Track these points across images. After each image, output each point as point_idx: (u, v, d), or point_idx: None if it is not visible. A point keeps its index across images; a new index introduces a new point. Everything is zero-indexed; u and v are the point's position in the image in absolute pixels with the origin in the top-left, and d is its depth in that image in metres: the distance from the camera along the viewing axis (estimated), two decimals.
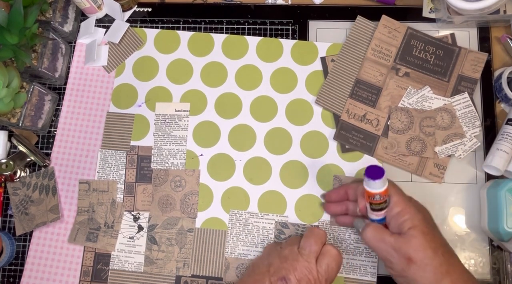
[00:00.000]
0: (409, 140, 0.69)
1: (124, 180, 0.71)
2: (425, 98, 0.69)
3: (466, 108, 0.69)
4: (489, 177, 0.68)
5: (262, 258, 0.63)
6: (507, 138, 0.66)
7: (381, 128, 0.70)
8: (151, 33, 0.76)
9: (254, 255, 0.68)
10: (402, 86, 0.70)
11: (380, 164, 0.69)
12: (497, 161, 0.65)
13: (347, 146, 0.70)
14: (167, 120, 0.73)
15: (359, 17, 0.73)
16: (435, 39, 0.71)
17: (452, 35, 0.72)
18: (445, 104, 0.69)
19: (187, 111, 0.73)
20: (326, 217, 0.68)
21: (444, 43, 0.71)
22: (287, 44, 0.74)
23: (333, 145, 0.70)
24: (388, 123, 0.70)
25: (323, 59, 0.73)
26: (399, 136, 0.69)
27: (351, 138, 0.70)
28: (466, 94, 0.69)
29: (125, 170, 0.71)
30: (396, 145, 0.69)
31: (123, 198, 0.71)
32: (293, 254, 0.59)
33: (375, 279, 0.66)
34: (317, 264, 0.58)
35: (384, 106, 0.70)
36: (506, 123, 0.67)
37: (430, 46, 0.71)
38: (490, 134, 0.69)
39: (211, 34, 0.76)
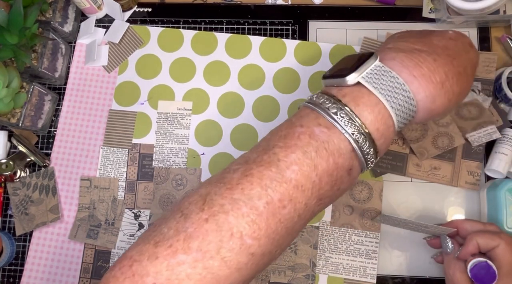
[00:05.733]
0: (433, 140, 0.67)
1: (126, 177, 0.71)
2: None
3: None
4: (489, 177, 0.68)
5: None
6: (504, 140, 0.66)
7: (407, 145, 0.69)
8: (154, 31, 0.76)
9: None
10: None
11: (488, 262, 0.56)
12: (498, 164, 0.65)
13: (378, 171, 0.69)
14: (169, 119, 0.73)
15: (364, 38, 0.72)
16: None
17: None
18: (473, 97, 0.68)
19: (190, 109, 0.73)
20: (327, 217, 0.68)
21: None
22: (291, 44, 0.74)
23: None
24: (405, 138, 0.68)
25: None
26: (422, 142, 0.68)
27: (380, 161, 0.69)
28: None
29: (127, 168, 0.71)
30: (425, 152, 0.67)
31: (124, 195, 0.71)
32: None
33: (374, 281, 0.66)
34: None
35: None
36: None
37: None
38: None
39: (214, 33, 0.75)
